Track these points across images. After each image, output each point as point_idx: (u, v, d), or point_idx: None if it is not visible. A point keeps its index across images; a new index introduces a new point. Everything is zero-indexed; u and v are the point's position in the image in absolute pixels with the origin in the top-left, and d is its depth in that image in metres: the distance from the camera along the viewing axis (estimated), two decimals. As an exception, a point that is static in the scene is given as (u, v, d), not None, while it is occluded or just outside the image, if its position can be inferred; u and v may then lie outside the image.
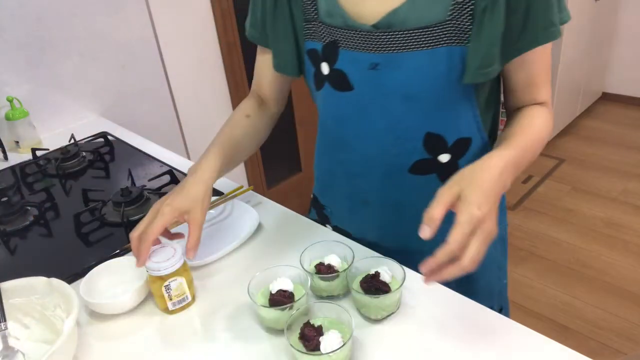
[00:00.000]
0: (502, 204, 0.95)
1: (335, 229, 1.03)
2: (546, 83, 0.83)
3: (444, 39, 0.73)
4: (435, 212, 0.63)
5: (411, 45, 0.75)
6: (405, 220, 0.91)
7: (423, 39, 0.74)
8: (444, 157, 0.84)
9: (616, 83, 3.78)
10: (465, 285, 0.82)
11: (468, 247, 0.61)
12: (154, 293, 0.83)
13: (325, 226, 1.04)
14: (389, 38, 0.76)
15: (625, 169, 3.00)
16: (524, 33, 0.74)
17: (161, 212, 0.78)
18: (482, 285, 0.96)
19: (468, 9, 0.72)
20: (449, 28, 0.73)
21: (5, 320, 0.78)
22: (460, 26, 0.72)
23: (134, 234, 0.79)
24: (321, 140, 0.96)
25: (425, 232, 0.63)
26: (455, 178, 0.67)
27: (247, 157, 0.99)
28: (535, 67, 0.80)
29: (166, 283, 0.80)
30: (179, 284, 0.81)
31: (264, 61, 0.96)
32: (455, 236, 0.61)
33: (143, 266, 0.79)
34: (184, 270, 0.82)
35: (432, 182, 0.85)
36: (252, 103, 0.99)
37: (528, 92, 0.83)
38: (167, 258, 0.80)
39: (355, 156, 0.89)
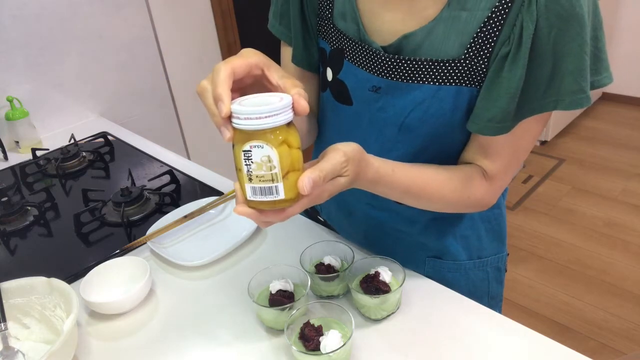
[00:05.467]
0: (501, 235, 0.93)
1: (325, 223, 1.02)
2: (505, 158, 0.72)
3: (454, 77, 0.68)
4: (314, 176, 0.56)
5: (418, 77, 0.70)
6: (389, 240, 0.90)
7: (432, 73, 0.69)
8: None
9: (616, 83, 3.77)
10: None
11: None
12: (236, 164, 0.56)
13: (318, 218, 1.04)
14: (397, 64, 0.71)
15: (625, 169, 3.00)
16: (547, 92, 0.65)
17: (224, 62, 0.56)
18: None
19: (486, 51, 0.65)
20: (461, 67, 0.67)
21: (5, 321, 0.78)
22: (474, 67, 0.67)
23: (203, 84, 0.56)
24: (318, 142, 0.94)
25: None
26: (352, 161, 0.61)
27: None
28: (500, 138, 0.70)
29: (246, 146, 0.53)
30: (266, 157, 0.53)
31: (286, 57, 0.88)
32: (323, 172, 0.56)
33: (226, 118, 0.53)
34: (282, 137, 0.53)
35: (415, 209, 0.79)
36: None
37: (475, 153, 0.74)
38: (266, 103, 0.52)
39: None
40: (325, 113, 0.87)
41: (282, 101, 0.53)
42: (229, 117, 0.54)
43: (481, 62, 0.66)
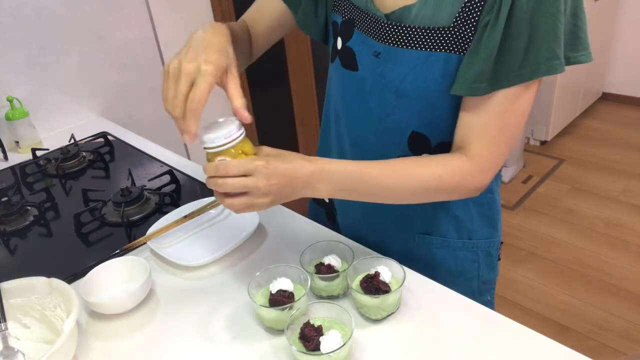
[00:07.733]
0: (494, 221, 0.94)
1: (330, 203, 1.05)
2: (489, 134, 0.74)
3: (444, 44, 0.74)
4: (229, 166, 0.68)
5: (412, 43, 0.76)
6: (380, 212, 0.92)
7: (424, 40, 0.75)
8: None
9: (616, 83, 3.78)
10: None
11: (237, 198, 0.69)
12: None
13: (324, 200, 1.07)
14: (395, 31, 0.77)
15: (625, 169, 3.00)
16: (524, 63, 0.69)
17: (203, 73, 0.67)
18: None
19: (473, 20, 0.71)
20: (450, 35, 0.73)
21: (5, 321, 0.78)
22: (462, 35, 0.72)
23: (172, 104, 0.68)
24: (325, 112, 1.00)
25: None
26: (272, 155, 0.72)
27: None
28: (485, 112, 0.73)
29: (215, 160, 0.70)
30: None
31: (274, 4, 0.96)
32: (233, 168, 0.67)
33: (194, 141, 0.69)
34: (238, 150, 0.70)
35: None
36: (245, 27, 0.98)
37: (461, 130, 0.77)
38: (223, 128, 0.69)
39: (348, 134, 0.91)
40: (331, 82, 0.94)
41: (233, 125, 0.69)
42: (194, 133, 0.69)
43: (468, 30, 0.72)
